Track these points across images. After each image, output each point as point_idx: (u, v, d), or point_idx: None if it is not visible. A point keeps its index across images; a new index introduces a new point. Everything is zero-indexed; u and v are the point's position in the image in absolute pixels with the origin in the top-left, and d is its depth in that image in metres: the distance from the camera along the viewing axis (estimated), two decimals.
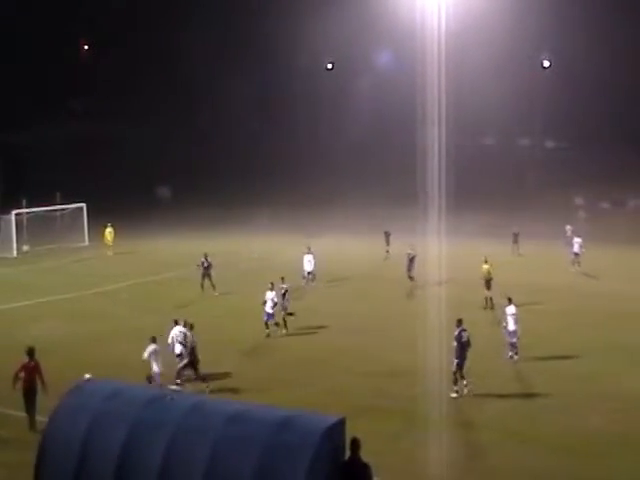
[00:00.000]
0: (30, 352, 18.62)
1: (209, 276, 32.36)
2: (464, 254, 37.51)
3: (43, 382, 18.36)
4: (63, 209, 47.20)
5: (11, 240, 43.51)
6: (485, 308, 29.00)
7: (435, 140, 49.03)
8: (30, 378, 18.36)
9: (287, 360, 23.72)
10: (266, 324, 26.10)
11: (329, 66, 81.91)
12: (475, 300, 29.10)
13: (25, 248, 44.01)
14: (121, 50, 75.92)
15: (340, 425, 12.63)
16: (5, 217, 44.06)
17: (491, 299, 29.21)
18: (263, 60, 74.44)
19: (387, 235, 41.51)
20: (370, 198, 55.94)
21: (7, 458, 16.57)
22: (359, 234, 46.75)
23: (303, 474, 11.57)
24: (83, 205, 46.91)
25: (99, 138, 70.48)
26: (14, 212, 44.19)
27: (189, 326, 21.33)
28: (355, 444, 12.59)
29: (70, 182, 55.03)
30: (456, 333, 20.34)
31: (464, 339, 20.27)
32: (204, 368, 21.40)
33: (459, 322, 20.55)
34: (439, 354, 21.61)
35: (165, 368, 20.15)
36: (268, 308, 26.09)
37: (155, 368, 19.63)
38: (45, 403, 17.10)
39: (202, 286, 32.34)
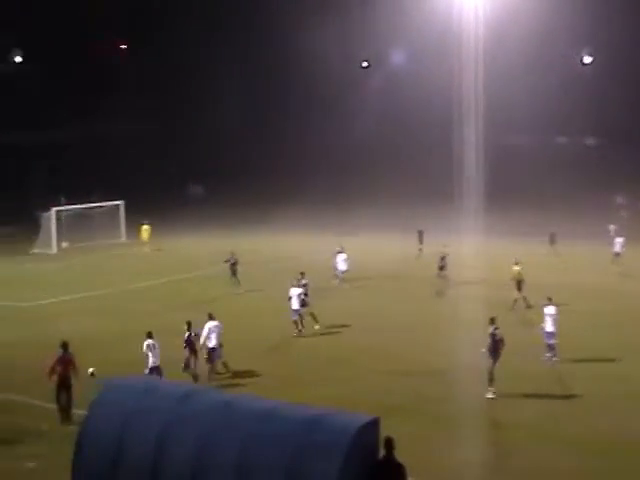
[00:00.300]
0: (64, 345, 19.07)
1: (235, 273, 32.65)
2: (499, 253, 37.17)
3: (76, 372, 18.78)
4: (101, 206, 47.90)
5: (51, 237, 44.29)
6: (513, 309, 28.59)
7: (471, 138, 48.65)
8: (65, 371, 18.76)
9: (316, 358, 23.64)
10: (295, 322, 26.07)
11: (364, 64, 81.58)
12: (507, 300, 28.78)
13: (64, 244, 44.74)
14: (150, 49, 76.68)
15: (373, 425, 12.56)
16: (45, 214, 44.87)
17: (524, 299, 28.92)
18: (292, 61, 74.32)
19: (420, 234, 41.26)
20: (402, 197, 55.63)
21: (45, 450, 16.87)
22: (391, 233, 46.43)
23: (336, 473, 11.53)
24: (121, 202, 47.52)
25: (130, 136, 71.35)
26: (54, 209, 44.94)
27: (188, 324, 21.45)
28: (389, 443, 12.48)
29: (103, 180, 55.95)
30: (490, 331, 20.17)
31: (498, 337, 20.10)
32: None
33: (492, 320, 20.35)
34: (470, 354, 21.47)
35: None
36: (294, 305, 26.00)
37: (151, 361, 20.04)
38: (79, 396, 17.56)
39: (236, 283, 32.67)
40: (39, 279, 36.86)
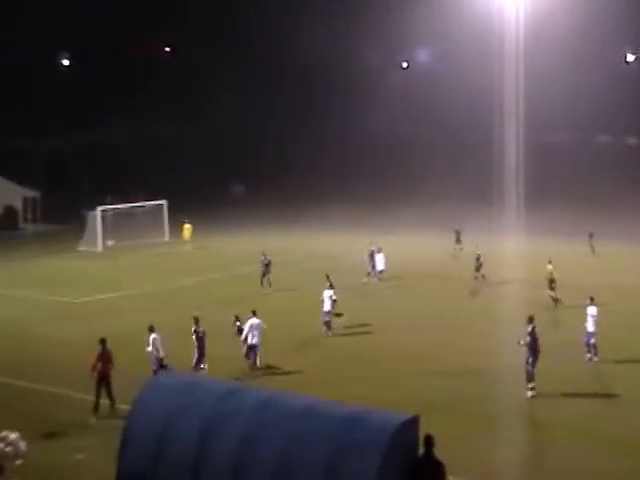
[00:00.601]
0: (103, 342, 19.70)
1: (266, 273, 33.05)
2: (539, 252, 36.82)
3: (114, 367, 19.47)
4: (145, 206, 48.71)
5: (97, 235, 45.20)
6: (548, 309, 28.44)
7: (511, 137, 48.31)
8: (104, 367, 19.40)
9: (350, 358, 23.68)
10: (325, 323, 26.16)
11: (404, 65, 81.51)
12: (543, 300, 28.65)
13: (109, 243, 45.57)
14: (195, 50, 77.57)
15: (413, 423, 12.71)
16: (91, 213, 45.81)
17: (554, 298, 28.82)
18: (333, 61, 74.36)
19: (457, 233, 41.17)
20: (443, 196, 55.43)
21: (92, 443, 17.28)
22: (430, 232, 46.18)
23: (374, 472, 11.68)
24: (164, 202, 48.27)
25: (172, 137, 72.25)
26: (100, 209, 45.85)
27: (196, 320, 21.93)
28: (429, 441, 12.59)
29: (146, 180, 56.77)
30: (529, 330, 20.15)
31: (536, 336, 20.08)
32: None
33: (530, 319, 20.30)
34: (508, 353, 21.45)
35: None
36: (326, 306, 26.13)
37: (155, 354, 20.48)
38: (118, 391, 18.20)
39: (268, 283, 33.09)
40: (85, 276, 37.64)
